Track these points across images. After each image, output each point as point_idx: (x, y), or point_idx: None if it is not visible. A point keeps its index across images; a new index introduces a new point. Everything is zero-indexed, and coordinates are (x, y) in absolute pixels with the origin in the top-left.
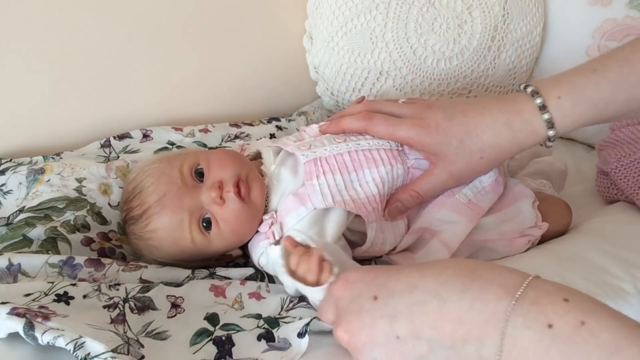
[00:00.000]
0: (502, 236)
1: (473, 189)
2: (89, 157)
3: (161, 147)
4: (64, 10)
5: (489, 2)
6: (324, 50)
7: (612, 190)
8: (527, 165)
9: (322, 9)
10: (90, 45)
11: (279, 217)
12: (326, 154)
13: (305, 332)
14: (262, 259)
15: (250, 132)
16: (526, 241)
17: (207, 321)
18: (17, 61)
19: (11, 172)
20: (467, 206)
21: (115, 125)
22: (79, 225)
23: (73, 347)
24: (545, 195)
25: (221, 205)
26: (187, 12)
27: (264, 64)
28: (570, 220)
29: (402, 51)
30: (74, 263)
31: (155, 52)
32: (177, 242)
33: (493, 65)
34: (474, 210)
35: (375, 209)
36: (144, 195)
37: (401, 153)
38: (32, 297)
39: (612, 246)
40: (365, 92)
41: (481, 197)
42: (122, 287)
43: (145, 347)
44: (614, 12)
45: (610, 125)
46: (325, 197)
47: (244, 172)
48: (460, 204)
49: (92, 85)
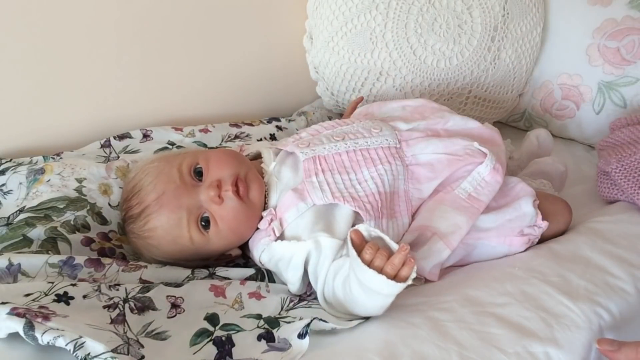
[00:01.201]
0: (501, 234)
1: (472, 181)
2: (89, 157)
3: (161, 147)
4: (64, 10)
5: (489, 2)
6: (324, 50)
7: (612, 190)
8: (526, 165)
9: (322, 9)
10: (90, 46)
11: (278, 213)
12: (325, 153)
13: (306, 332)
14: (264, 256)
15: (250, 132)
16: (526, 240)
17: (207, 321)
18: (17, 61)
19: (11, 172)
20: (467, 201)
21: (115, 125)
22: (79, 225)
23: (73, 347)
24: (545, 195)
25: (219, 204)
26: (187, 13)
27: (264, 64)
28: (570, 219)
29: (402, 51)
30: (74, 263)
31: (155, 52)
32: (176, 241)
33: (493, 65)
34: (474, 205)
35: (375, 207)
36: (143, 194)
37: (399, 150)
38: (32, 297)
39: (612, 246)
40: (365, 92)
41: (481, 190)
42: (122, 287)
43: (145, 347)
44: (614, 12)
45: (611, 126)
46: (324, 193)
47: (242, 171)
48: (459, 200)
49: (92, 85)
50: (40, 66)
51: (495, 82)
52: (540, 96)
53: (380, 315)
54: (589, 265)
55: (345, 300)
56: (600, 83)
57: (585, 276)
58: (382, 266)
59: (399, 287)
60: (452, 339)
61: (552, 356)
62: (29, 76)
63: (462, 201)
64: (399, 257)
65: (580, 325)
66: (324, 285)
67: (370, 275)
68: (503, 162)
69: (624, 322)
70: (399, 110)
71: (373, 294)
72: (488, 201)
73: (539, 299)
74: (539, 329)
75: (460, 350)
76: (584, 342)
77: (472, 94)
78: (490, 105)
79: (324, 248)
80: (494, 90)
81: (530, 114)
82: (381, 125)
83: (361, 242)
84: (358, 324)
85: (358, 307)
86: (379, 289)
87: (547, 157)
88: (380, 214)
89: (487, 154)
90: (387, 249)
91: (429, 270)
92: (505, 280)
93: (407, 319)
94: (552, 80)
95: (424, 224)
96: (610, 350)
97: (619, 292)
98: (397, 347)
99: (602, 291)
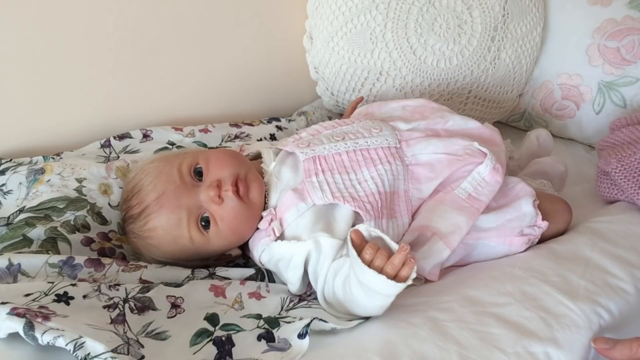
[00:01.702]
0: (501, 234)
1: (472, 182)
2: (89, 157)
3: (161, 147)
4: (64, 10)
5: (489, 2)
6: (324, 50)
7: (612, 190)
8: (526, 165)
9: (322, 9)
10: (90, 45)
11: (278, 213)
12: (325, 153)
13: (306, 333)
14: (264, 256)
15: (250, 132)
16: (525, 240)
17: (207, 321)
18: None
19: (11, 172)
20: (467, 201)
21: (115, 125)
22: (79, 225)
23: (73, 347)
24: (545, 194)
25: (219, 204)
26: (187, 12)
27: (264, 64)
28: (570, 219)
29: (402, 51)
30: (74, 263)
31: (155, 52)
32: (176, 240)
33: (493, 65)
34: (474, 205)
35: (375, 207)
36: (143, 194)
37: (399, 150)
38: (32, 297)
39: (612, 246)
40: (365, 92)
41: (481, 190)
42: (122, 288)
43: (145, 347)
44: (614, 12)
45: (611, 126)
46: (324, 193)
47: (242, 171)
48: (459, 200)
49: (92, 85)
50: (40, 66)
51: (495, 82)
52: (540, 96)
53: (380, 315)
54: (589, 265)
55: (346, 300)
56: (600, 83)
57: (585, 276)
58: (382, 266)
59: (399, 287)
60: (452, 339)
61: (552, 356)
62: (28, 76)
63: (462, 201)
64: (399, 257)
65: (580, 325)
66: (324, 285)
67: (370, 275)
68: (503, 162)
69: (624, 322)
70: (399, 110)
71: (373, 294)
72: (488, 201)
73: (539, 299)
74: (539, 329)
75: (460, 350)
76: (584, 342)
77: (472, 94)
78: (490, 105)
79: (324, 248)
80: (494, 90)
81: (530, 114)
82: (381, 125)
83: (361, 242)
84: (358, 324)
85: (358, 307)
86: (379, 289)
87: (547, 157)
88: (380, 214)
89: (487, 153)
90: (387, 249)
91: (429, 270)
92: (505, 280)
93: (407, 319)
94: (552, 80)
95: (424, 224)
96: (606, 348)
97: (619, 292)
98: (397, 347)
99: (602, 291)
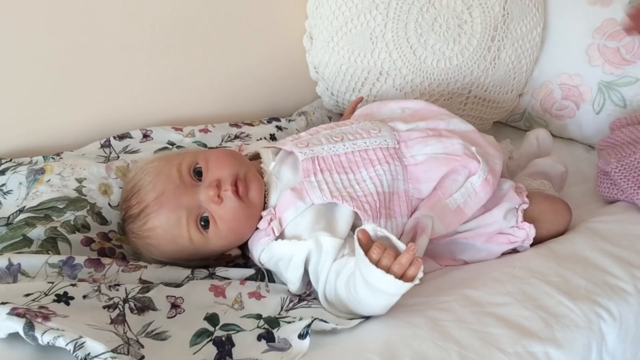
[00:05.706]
0: (478, 233)
1: (464, 192)
2: (89, 157)
3: (161, 147)
4: (64, 10)
5: (489, 2)
6: (324, 50)
7: (612, 190)
8: (526, 165)
9: (322, 9)
10: (90, 45)
11: (277, 212)
12: (324, 154)
13: (306, 333)
14: (263, 256)
15: (250, 132)
16: (506, 240)
17: (207, 321)
18: (16, 61)
19: (11, 172)
20: (454, 213)
21: (115, 125)
22: (79, 226)
23: (73, 347)
24: (545, 195)
25: (219, 204)
26: (188, 13)
27: (264, 64)
28: (570, 219)
29: (402, 51)
30: (74, 263)
31: (155, 52)
32: (175, 240)
33: (493, 65)
34: (458, 217)
35: (373, 207)
36: (142, 193)
37: (398, 151)
38: (32, 297)
39: (612, 246)
40: (365, 92)
41: (469, 201)
42: (122, 288)
43: (145, 347)
44: (614, 12)
45: (611, 125)
46: (323, 192)
47: (242, 171)
48: (447, 210)
49: (92, 85)
50: (40, 66)
51: (495, 82)
52: (540, 96)
53: (380, 315)
54: (588, 265)
55: (349, 300)
56: (600, 83)
57: (585, 276)
58: (389, 265)
59: (406, 286)
60: (452, 338)
61: (552, 356)
62: (29, 76)
63: (450, 212)
64: (407, 257)
65: (580, 325)
66: (325, 285)
67: (377, 274)
68: (497, 170)
69: (624, 322)
70: (399, 112)
71: (379, 293)
72: (471, 214)
73: (539, 299)
74: (539, 329)
75: (460, 350)
76: (584, 342)
77: (472, 94)
78: (490, 105)
79: (325, 247)
80: (494, 90)
81: (530, 114)
82: (380, 126)
83: (368, 242)
84: (358, 324)
85: (362, 306)
86: (386, 289)
87: (547, 157)
88: (378, 214)
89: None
90: (394, 249)
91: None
92: (505, 280)
93: (407, 319)
94: (552, 80)
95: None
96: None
97: (619, 292)
98: (397, 346)
99: (602, 291)
